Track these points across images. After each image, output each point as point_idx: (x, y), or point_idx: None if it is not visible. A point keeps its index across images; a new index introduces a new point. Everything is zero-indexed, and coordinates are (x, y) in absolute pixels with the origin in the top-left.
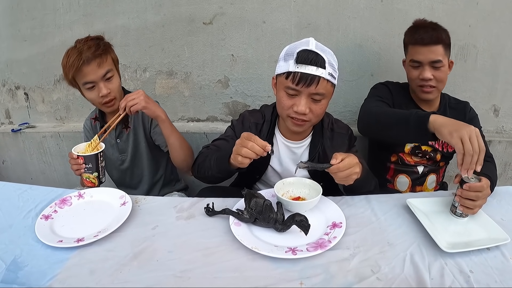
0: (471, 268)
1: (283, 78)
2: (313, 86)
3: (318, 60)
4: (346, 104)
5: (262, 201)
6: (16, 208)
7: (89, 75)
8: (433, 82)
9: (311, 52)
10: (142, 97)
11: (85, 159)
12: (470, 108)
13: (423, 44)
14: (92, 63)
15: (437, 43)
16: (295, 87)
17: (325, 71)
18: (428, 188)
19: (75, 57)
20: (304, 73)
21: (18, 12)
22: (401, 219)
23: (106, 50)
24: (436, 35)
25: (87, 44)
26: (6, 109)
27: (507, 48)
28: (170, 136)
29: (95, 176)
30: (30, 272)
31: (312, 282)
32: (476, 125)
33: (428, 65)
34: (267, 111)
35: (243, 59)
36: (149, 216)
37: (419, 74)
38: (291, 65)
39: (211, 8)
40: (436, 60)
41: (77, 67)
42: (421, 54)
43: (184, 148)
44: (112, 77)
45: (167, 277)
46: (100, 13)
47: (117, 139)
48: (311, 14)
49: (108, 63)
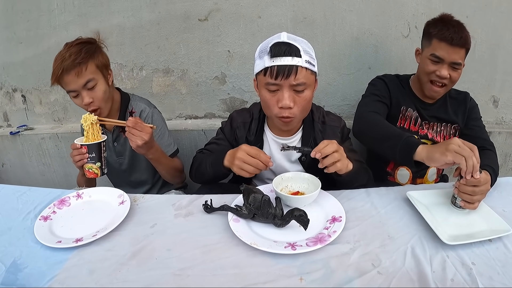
0: (473, 260)
1: (262, 76)
2: (292, 77)
3: (292, 50)
4: (344, 97)
5: (260, 197)
6: (15, 210)
7: (69, 84)
8: (447, 81)
9: (283, 43)
10: (140, 142)
11: (88, 148)
12: (470, 98)
13: (451, 44)
14: (72, 72)
15: (463, 46)
16: (275, 81)
17: (301, 59)
18: (429, 180)
19: (57, 64)
20: (281, 65)
21: (13, 14)
22: (402, 212)
23: (88, 57)
24: (465, 38)
25: (69, 51)
26: (4, 112)
27: (505, 38)
28: (157, 167)
29: (98, 166)
30: (29, 274)
31: (312, 277)
32: (476, 114)
33: (448, 64)
34: (255, 109)
35: (239, 55)
36: (148, 214)
37: (436, 70)
38: (266, 61)
39: (206, 4)
40: (457, 62)
41: (57, 75)
42: (446, 52)
43: (172, 172)
44: (95, 86)
45: (166, 275)
46: (95, 12)
47: (114, 143)
48: (307, 7)
49: (90, 72)
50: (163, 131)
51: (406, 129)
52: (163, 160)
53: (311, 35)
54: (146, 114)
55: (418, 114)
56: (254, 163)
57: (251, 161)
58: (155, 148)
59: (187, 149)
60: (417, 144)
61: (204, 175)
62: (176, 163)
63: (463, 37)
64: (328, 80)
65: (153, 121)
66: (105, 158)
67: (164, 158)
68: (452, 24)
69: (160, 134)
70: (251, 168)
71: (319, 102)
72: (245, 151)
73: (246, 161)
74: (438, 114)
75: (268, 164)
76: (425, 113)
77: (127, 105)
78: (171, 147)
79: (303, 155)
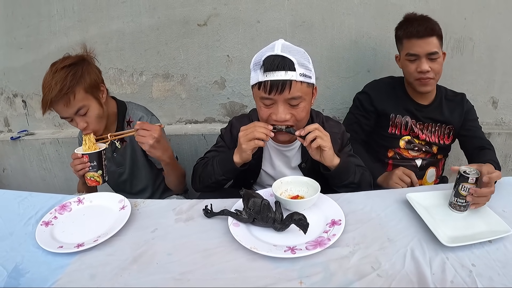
0: (473, 262)
1: (256, 89)
2: (286, 92)
3: (286, 64)
4: (343, 101)
5: (260, 201)
6: (17, 216)
7: (60, 113)
8: (431, 74)
9: (277, 57)
10: (151, 141)
11: (89, 157)
12: (467, 100)
13: (419, 36)
14: (60, 103)
15: (432, 34)
16: (269, 96)
17: (295, 73)
18: (428, 181)
19: (45, 94)
20: (274, 80)
21: (13, 20)
22: (401, 215)
23: (74, 85)
24: (431, 26)
25: (55, 78)
26: (4, 117)
27: (503, 39)
28: (170, 175)
29: (100, 174)
30: (31, 279)
31: (311, 280)
32: (473, 115)
33: (425, 57)
34: (254, 115)
35: (238, 59)
36: (148, 219)
37: (417, 67)
38: (260, 75)
39: (205, 9)
40: (432, 51)
41: (46, 106)
42: (418, 47)
43: (180, 180)
44: (87, 112)
45: (166, 279)
46: (95, 18)
47: (113, 153)
48: (305, 12)
49: (79, 100)
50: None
51: (397, 134)
52: (176, 166)
53: (310, 39)
54: None
55: (412, 116)
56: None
57: (252, 129)
58: (171, 151)
59: (187, 153)
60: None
61: (210, 177)
62: (182, 170)
63: (428, 27)
64: (327, 84)
65: None
66: (105, 166)
67: (176, 166)
68: (415, 19)
69: None
70: (255, 134)
71: (318, 106)
72: (242, 130)
73: (248, 132)
74: (433, 115)
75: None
76: (420, 115)
77: (124, 115)
78: None
79: (303, 162)
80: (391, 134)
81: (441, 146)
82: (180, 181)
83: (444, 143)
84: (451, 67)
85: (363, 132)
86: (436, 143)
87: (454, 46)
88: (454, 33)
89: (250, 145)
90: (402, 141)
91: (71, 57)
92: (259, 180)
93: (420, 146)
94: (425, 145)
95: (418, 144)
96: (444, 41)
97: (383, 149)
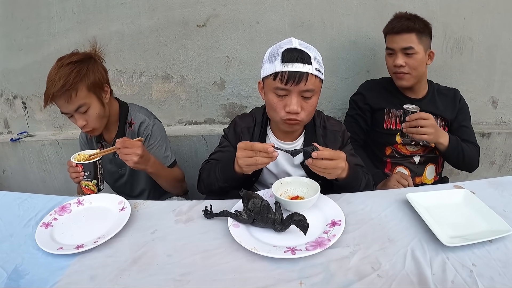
0: (474, 262)
1: (271, 80)
2: (303, 83)
3: (304, 57)
4: (343, 101)
5: (260, 202)
6: (17, 217)
7: (61, 108)
8: (406, 69)
9: (296, 50)
10: (135, 159)
11: (84, 167)
12: (461, 97)
13: (395, 32)
14: (62, 98)
15: (408, 31)
16: (285, 87)
17: (311, 67)
18: (428, 178)
19: (48, 87)
20: (292, 71)
21: (13, 21)
22: (401, 215)
23: (77, 82)
24: (408, 24)
25: (59, 73)
26: (4, 118)
27: (503, 39)
28: (157, 180)
29: (94, 183)
30: (31, 280)
31: (312, 281)
32: (466, 115)
33: (400, 52)
34: (257, 114)
35: (238, 60)
36: (148, 220)
37: (393, 61)
38: (277, 66)
39: (204, 10)
40: (407, 47)
41: (48, 99)
42: (394, 42)
43: (172, 184)
44: (87, 110)
45: (166, 281)
46: (94, 19)
47: (114, 154)
48: (305, 12)
49: (80, 97)
50: (161, 143)
51: (393, 129)
52: (163, 172)
53: (309, 40)
54: (145, 126)
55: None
56: (259, 161)
57: (251, 154)
58: (153, 160)
59: (187, 155)
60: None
61: (214, 183)
62: (176, 173)
63: (405, 24)
64: (326, 84)
65: (153, 132)
66: (101, 175)
67: (163, 170)
68: (398, 17)
69: (158, 146)
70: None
71: (318, 106)
72: (241, 149)
73: (248, 156)
74: (427, 108)
75: (268, 151)
76: None
77: (126, 116)
78: (168, 158)
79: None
80: (387, 129)
81: None
82: (173, 186)
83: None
84: (451, 67)
85: (363, 132)
86: None
87: (453, 46)
88: (454, 33)
89: (251, 168)
90: (398, 136)
91: (78, 53)
92: (261, 179)
93: (417, 141)
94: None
95: None
96: (444, 41)
97: (381, 146)
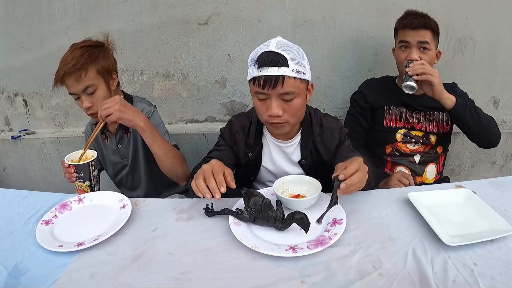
0: (475, 261)
1: (252, 84)
2: (279, 87)
3: (279, 60)
4: (344, 100)
5: (261, 200)
6: (17, 215)
7: (70, 87)
8: None
9: (270, 53)
10: (117, 106)
11: (76, 168)
12: (459, 89)
13: (412, 28)
14: (72, 77)
15: (425, 28)
16: (263, 91)
17: (288, 69)
18: (428, 178)
19: (60, 67)
20: (268, 76)
21: (14, 19)
22: (403, 214)
23: (88, 63)
24: (425, 21)
25: (72, 54)
26: (5, 116)
27: (505, 39)
28: (152, 145)
29: (87, 185)
30: (31, 278)
31: (313, 280)
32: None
33: (416, 47)
34: (253, 113)
35: (239, 58)
36: (149, 218)
37: (407, 56)
38: (254, 70)
39: (206, 8)
40: (424, 41)
41: (58, 78)
42: (410, 36)
43: (170, 157)
44: (94, 91)
45: (167, 279)
46: (96, 17)
47: (118, 145)
48: (306, 11)
49: (89, 78)
50: (161, 128)
51: (393, 127)
52: (159, 139)
53: (311, 38)
54: (146, 112)
55: (407, 107)
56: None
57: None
58: (142, 115)
59: (188, 153)
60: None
61: None
62: (174, 149)
63: (423, 20)
64: (328, 83)
65: (152, 117)
66: (95, 176)
67: (160, 137)
68: (411, 14)
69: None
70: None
71: (319, 105)
72: (211, 166)
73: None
74: (428, 103)
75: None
76: (415, 104)
77: None
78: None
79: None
80: (386, 127)
81: (440, 135)
82: (171, 161)
83: (443, 131)
84: (452, 67)
85: (363, 131)
86: (434, 132)
87: (455, 46)
88: (455, 32)
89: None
90: (398, 134)
91: (92, 40)
92: (259, 177)
93: (417, 138)
94: (423, 136)
95: (415, 136)
96: (445, 40)
97: (381, 145)
